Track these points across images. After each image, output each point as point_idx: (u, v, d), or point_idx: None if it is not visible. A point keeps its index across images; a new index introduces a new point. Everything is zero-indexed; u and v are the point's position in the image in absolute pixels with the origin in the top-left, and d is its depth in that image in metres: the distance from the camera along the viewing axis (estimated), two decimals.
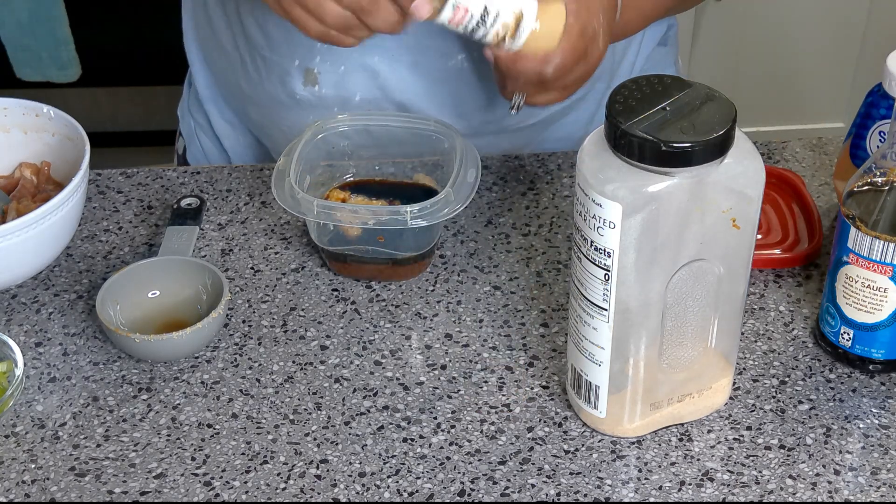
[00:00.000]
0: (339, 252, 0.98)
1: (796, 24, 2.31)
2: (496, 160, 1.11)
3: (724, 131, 0.73)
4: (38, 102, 1.02)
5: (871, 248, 0.83)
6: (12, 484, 0.83)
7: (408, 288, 0.98)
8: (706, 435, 0.85)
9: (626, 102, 0.74)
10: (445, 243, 1.02)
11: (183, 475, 0.83)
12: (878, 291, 0.84)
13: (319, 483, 0.82)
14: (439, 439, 0.85)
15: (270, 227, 1.04)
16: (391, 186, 1.03)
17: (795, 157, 1.11)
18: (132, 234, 1.04)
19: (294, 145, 0.99)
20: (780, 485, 0.82)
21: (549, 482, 0.82)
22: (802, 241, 1.01)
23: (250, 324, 0.95)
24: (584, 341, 0.81)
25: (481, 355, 0.92)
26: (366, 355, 0.92)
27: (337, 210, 0.94)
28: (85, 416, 0.87)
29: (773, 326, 0.94)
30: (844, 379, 0.89)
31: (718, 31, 2.31)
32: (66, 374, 0.91)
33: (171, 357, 0.91)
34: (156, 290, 0.95)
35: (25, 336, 0.94)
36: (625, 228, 0.74)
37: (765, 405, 0.87)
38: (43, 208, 0.91)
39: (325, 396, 0.89)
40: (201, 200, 1.04)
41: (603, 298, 0.78)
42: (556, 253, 1.01)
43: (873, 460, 0.83)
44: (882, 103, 0.96)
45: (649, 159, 0.72)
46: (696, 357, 0.83)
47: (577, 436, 0.85)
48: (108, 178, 1.10)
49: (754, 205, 0.77)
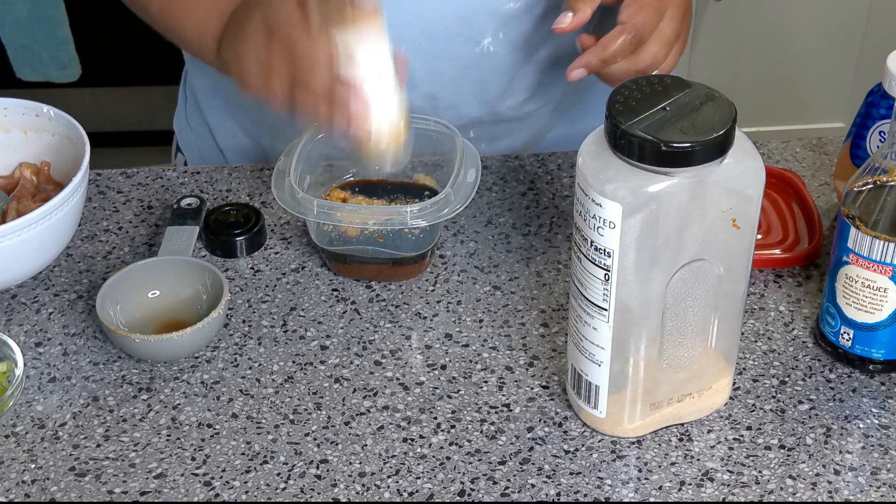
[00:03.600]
0: (339, 252, 0.98)
1: (796, 24, 2.31)
2: (496, 160, 1.11)
3: (724, 131, 0.73)
4: (38, 102, 1.02)
5: (871, 248, 0.83)
6: (12, 484, 0.83)
7: (408, 288, 0.98)
8: (706, 435, 0.85)
9: (626, 102, 0.74)
10: (445, 243, 1.02)
11: (183, 475, 0.83)
12: (878, 291, 0.84)
13: (319, 483, 0.82)
14: (439, 439, 0.85)
15: (270, 227, 1.04)
16: (391, 186, 1.03)
17: (795, 157, 1.11)
18: (132, 234, 1.04)
19: (294, 145, 0.99)
20: (780, 485, 0.82)
21: (549, 482, 0.82)
22: (802, 241, 1.01)
23: (250, 324, 0.95)
24: (584, 341, 0.81)
25: (481, 355, 0.92)
26: (366, 355, 0.92)
27: (337, 210, 0.94)
28: (85, 416, 0.87)
29: (773, 326, 0.94)
30: (844, 379, 0.89)
31: (718, 31, 2.31)
32: (66, 374, 0.91)
33: (171, 357, 0.91)
34: (156, 290, 0.95)
35: (25, 336, 0.94)
36: (625, 228, 0.74)
37: (765, 405, 0.87)
38: (43, 208, 0.91)
39: (325, 396, 0.89)
40: (201, 200, 1.04)
41: (603, 298, 0.78)
42: (556, 253, 1.01)
43: (873, 460, 0.83)
44: (882, 103, 0.96)
45: (649, 159, 0.72)
46: (696, 357, 0.83)
47: (577, 436, 0.85)
48: (108, 178, 1.10)
49: (754, 205, 0.77)
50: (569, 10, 0.93)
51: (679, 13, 0.95)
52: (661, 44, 0.93)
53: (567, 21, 0.93)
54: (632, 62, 0.93)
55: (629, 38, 0.92)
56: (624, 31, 0.92)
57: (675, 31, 0.94)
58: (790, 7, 2.28)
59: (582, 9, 0.93)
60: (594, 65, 0.94)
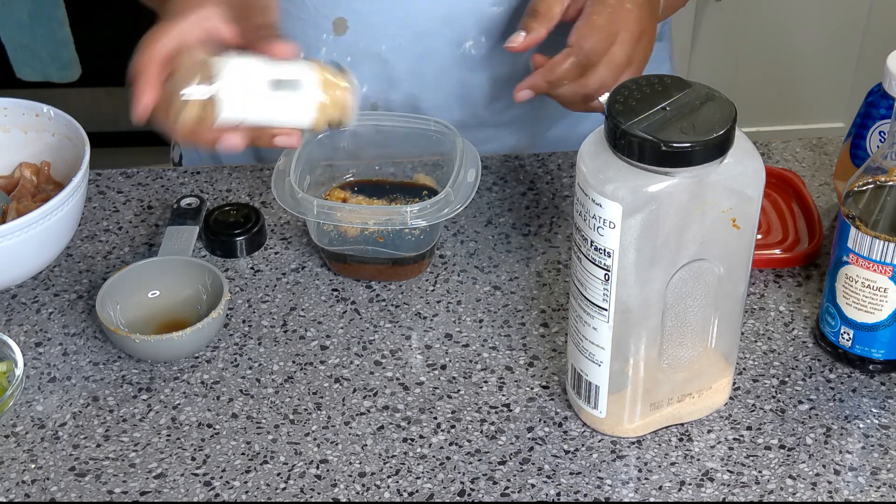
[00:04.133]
0: (339, 252, 0.98)
1: (796, 24, 2.31)
2: (496, 160, 1.11)
3: (724, 131, 0.73)
4: (38, 102, 1.02)
5: (871, 248, 0.83)
6: (12, 484, 0.83)
7: (408, 288, 0.98)
8: (706, 435, 0.85)
9: (626, 102, 0.74)
10: (445, 243, 1.02)
11: (183, 475, 0.83)
12: (878, 291, 0.84)
13: (319, 483, 0.82)
14: (439, 439, 0.85)
15: (270, 228, 1.04)
16: (391, 186, 1.03)
17: (795, 157, 1.11)
18: (132, 234, 1.04)
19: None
20: (780, 485, 0.82)
21: (549, 482, 0.82)
22: (802, 241, 1.01)
23: (250, 324, 0.95)
24: (584, 341, 0.81)
25: (481, 355, 0.92)
26: (366, 355, 0.92)
27: (337, 210, 0.94)
28: (85, 416, 0.87)
29: (773, 326, 0.94)
30: (844, 379, 0.89)
31: (718, 31, 2.31)
32: (66, 374, 0.91)
33: (171, 357, 0.91)
34: (156, 290, 0.95)
35: (25, 336, 0.94)
36: (625, 228, 0.74)
37: (765, 405, 0.87)
38: (43, 208, 0.91)
39: (325, 396, 0.89)
40: (201, 200, 1.04)
41: (603, 298, 0.78)
42: (556, 253, 1.01)
43: (873, 460, 0.83)
44: (882, 103, 0.96)
45: (649, 159, 0.72)
46: (696, 357, 0.83)
47: (577, 436, 0.85)
48: (108, 178, 1.10)
49: (754, 205, 0.77)
50: (522, 30, 0.93)
51: (631, 37, 0.92)
52: (611, 68, 0.91)
53: (519, 40, 0.92)
54: (580, 85, 0.92)
55: (576, 62, 0.91)
56: (570, 55, 0.91)
57: (627, 55, 0.92)
58: (790, 7, 2.28)
59: (536, 29, 0.92)
60: (540, 86, 0.93)
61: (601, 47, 0.91)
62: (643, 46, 0.94)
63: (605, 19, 0.91)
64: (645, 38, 0.94)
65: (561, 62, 0.91)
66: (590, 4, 0.92)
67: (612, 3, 0.91)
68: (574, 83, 0.92)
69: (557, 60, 0.91)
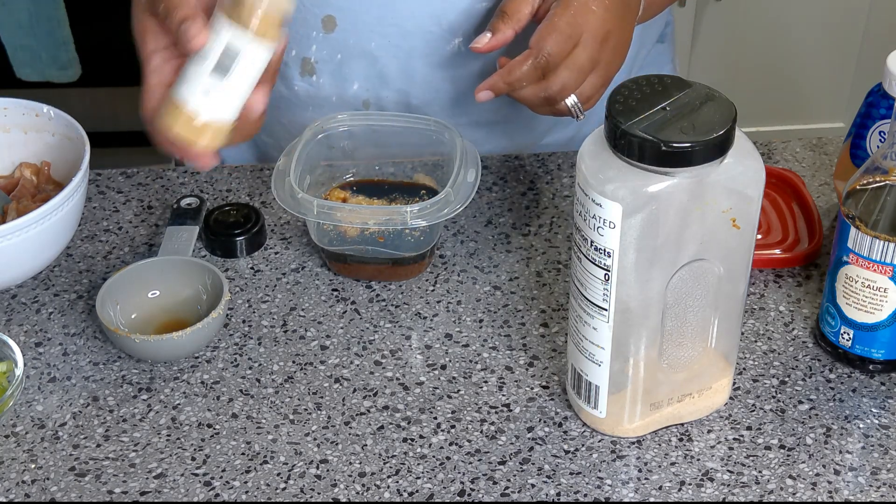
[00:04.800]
0: (339, 252, 0.98)
1: (796, 24, 2.31)
2: (496, 160, 1.11)
3: (724, 131, 0.73)
4: (38, 102, 1.02)
5: (871, 248, 0.83)
6: (12, 484, 0.83)
7: (408, 288, 0.98)
8: (706, 435, 0.85)
9: (626, 102, 0.74)
10: (445, 243, 1.02)
11: (183, 475, 0.83)
12: (878, 291, 0.84)
13: (319, 483, 0.82)
14: (439, 439, 0.85)
15: (270, 228, 1.04)
16: (391, 186, 1.03)
17: (795, 157, 1.11)
18: (132, 234, 1.04)
19: (294, 145, 0.99)
20: (780, 485, 0.82)
21: (549, 482, 0.82)
22: (802, 241, 1.01)
23: (250, 324, 0.95)
24: (584, 341, 0.81)
25: (481, 355, 0.92)
26: (366, 355, 0.92)
27: (337, 210, 0.94)
28: (85, 416, 0.87)
29: (773, 326, 0.94)
30: (844, 379, 0.89)
31: (718, 31, 2.31)
32: (66, 374, 0.91)
33: (171, 357, 0.91)
34: (156, 290, 0.95)
35: (25, 336, 0.94)
36: (625, 228, 0.74)
37: (765, 405, 0.87)
38: (43, 208, 0.91)
39: (325, 396, 0.89)
40: (201, 200, 1.04)
41: (603, 298, 0.78)
42: (556, 253, 1.01)
43: (873, 460, 0.83)
44: (882, 103, 0.96)
45: (649, 159, 0.72)
46: (696, 357, 0.83)
47: (577, 436, 0.85)
48: (108, 178, 1.10)
49: (754, 205, 0.77)
50: (489, 31, 0.92)
51: (594, 39, 0.91)
52: (573, 71, 0.90)
53: (484, 41, 0.92)
54: (541, 88, 0.91)
55: (535, 64, 0.90)
56: (530, 57, 0.90)
57: (591, 58, 0.91)
58: (790, 7, 2.28)
59: (503, 30, 0.92)
60: (500, 87, 0.92)
61: (562, 49, 0.90)
62: (611, 48, 0.93)
63: (567, 21, 0.90)
64: (612, 40, 0.92)
65: (520, 64, 0.90)
66: (554, 6, 0.91)
67: (576, 5, 0.90)
68: (535, 85, 0.91)
69: (517, 62, 0.91)
